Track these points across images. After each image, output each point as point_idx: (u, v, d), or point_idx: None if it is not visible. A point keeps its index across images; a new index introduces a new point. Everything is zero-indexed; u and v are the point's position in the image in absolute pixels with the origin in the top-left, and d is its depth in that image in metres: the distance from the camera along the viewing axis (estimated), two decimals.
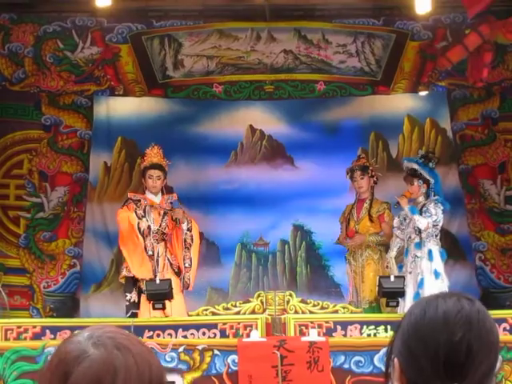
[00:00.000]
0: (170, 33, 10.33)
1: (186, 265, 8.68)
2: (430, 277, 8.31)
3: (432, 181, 8.67)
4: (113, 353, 1.51)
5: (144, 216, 8.61)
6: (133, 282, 8.52)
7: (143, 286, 8.20)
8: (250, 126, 11.05)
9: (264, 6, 9.86)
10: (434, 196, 8.62)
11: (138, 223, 8.55)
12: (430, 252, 8.45)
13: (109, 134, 10.77)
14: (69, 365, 1.50)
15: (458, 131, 10.74)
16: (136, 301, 8.45)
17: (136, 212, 8.62)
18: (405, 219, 8.63)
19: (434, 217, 8.45)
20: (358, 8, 10.18)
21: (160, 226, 8.68)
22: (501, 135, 10.59)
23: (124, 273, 8.63)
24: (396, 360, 1.77)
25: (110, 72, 10.36)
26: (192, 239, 8.72)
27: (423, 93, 10.78)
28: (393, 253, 8.82)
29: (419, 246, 8.50)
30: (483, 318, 1.77)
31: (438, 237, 8.60)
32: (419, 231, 8.48)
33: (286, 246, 10.88)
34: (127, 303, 8.55)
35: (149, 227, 8.58)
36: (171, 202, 8.79)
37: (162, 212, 8.72)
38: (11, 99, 10.31)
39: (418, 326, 1.76)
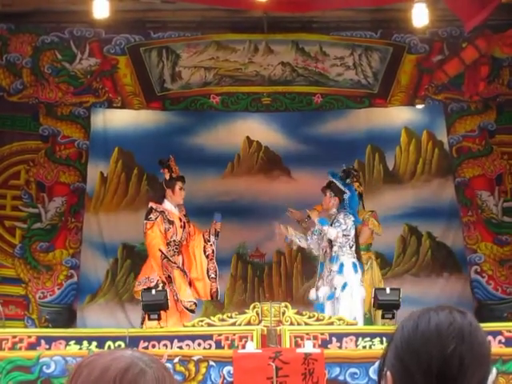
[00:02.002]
0: (168, 44, 10.34)
1: (212, 275, 8.79)
2: (341, 290, 8.35)
3: (346, 195, 8.71)
4: (164, 373, 1.63)
5: (172, 227, 8.67)
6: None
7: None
8: (247, 137, 11.08)
9: (262, 18, 9.90)
10: (349, 208, 8.70)
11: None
12: (340, 265, 8.50)
13: (106, 144, 10.78)
14: (136, 377, 1.58)
15: (454, 144, 10.76)
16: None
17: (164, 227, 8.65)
18: (320, 233, 8.69)
19: (343, 226, 8.53)
20: (356, 21, 10.22)
21: (181, 238, 8.74)
22: (497, 147, 10.62)
23: (141, 286, 8.54)
24: (389, 373, 1.78)
25: (108, 84, 10.36)
26: (213, 250, 8.81)
27: (420, 105, 10.82)
28: (290, 234, 8.87)
29: (334, 260, 8.56)
30: (475, 330, 1.77)
31: (354, 248, 8.63)
32: (331, 243, 8.54)
33: (282, 258, 10.88)
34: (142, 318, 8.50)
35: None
36: (215, 218, 8.93)
37: (182, 224, 8.78)
38: (9, 110, 10.30)
39: (410, 339, 1.77)
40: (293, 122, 10.98)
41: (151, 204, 8.85)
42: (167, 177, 8.88)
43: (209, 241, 8.83)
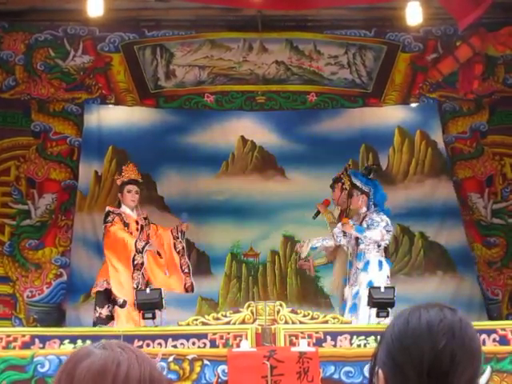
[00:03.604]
0: (162, 43, 10.33)
1: (186, 270, 8.82)
2: (365, 288, 8.33)
3: (371, 191, 8.73)
4: (116, 350, 1.60)
5: (128, 229, 8.72)
6: (106, 296, 8.57)
7: (119, 299, 8.41)
8: (242, 136, 11.07)
9: (256, 17, 9.90)
10: (375, 206, 8.68)
11: (136, 242, 8.63)
12: (366, 263, 8.49)
13: (100, 142, 10.75)
14: (75, 362, 1.59)
15: (449, 143, 10.79)
16: (108, 315, 8.53)
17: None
18: (351, 235, 8.67)
19: (382, 223, 8.52)
20: (350, 19, 10.23)
21: (136, 239, 8.75)
22: (489, 148, 10.64)
23: (98, 288, 8.64)
24: (380, 371, 1.78)
25: (102, 81, 10.35)
26: (183, 247, 8.82)
27: (414, 104, 10.82)
28: (313, 241, 8.84)
29: (359, 257, 8.55)
30: (465, 326, 1.79)
31: (382, 247, 8.62)
32: (357, 241, 8.53)
33: (276, 257, 10.88)
34: (95, 318, 8.57)
35: (142, 263, 8.67)
36: (181, 217, 9.01)
37: (139, 227, 8.78)
38: (0, 106, 10.26)
39: (401, 336, 1.78)
40: (287, 121, 10.97)
41: (108, 208, 8.96)
42: (118, 182, 8.99)
43: (177, 237, 8.83)
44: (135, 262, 8.60)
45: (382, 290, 7.94)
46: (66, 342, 7.24)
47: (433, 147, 11.05)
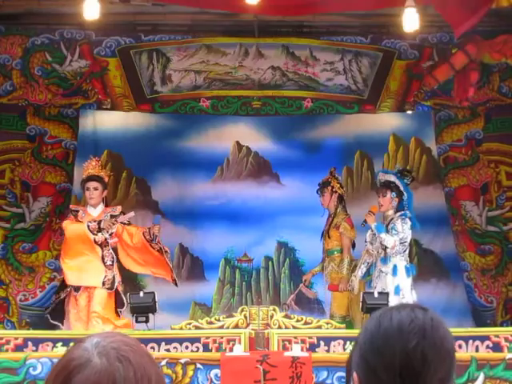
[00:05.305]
0: (159, 47, 10.34)
1: (170, 265, 8.82)
2: (393, 293, 8.33)
3: (405, 196, 8.75)
4: (114, 364, 1.56)
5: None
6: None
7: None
8: (237, 142, 11.07)
9: (253, 22, 9.92)
10: (403, 210, 8.69)
11: (95, 238, 8.57)
12: (394, 267, 8.51)
13: (95, 146, 10.74)
14: (71, 372, 1.55)
15: (442, 154, 10.80)
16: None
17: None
18: (374, 234, 8.70)
19: (400, 234, 8.53)
20: (346, 26, 10.25)
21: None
22: (484, 156, 10.64)
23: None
24: (355, 374, 1.79)
25: (98, 86, 10.33)
26: (160, 247, 8.73)
27: (410, 111, 10.84)
28: (359, 272, 8.89)
29: (385, 261, 8.56)
30: (437, 325, 1.79)
31: (407, 252, 8.66)
32: (385, 247, 8.55)
33: (270, 263, 10.88)
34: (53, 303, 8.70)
35: (106, 239, 8.60)
36: (154, 219, 8.93)
37: (95, 226, 8.65)
38: None
39: (373, 338, 1.79)
40: (283, 126, 10.98)
41: (70, 206, 9.07)
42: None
43: (151, 240, 8.68)
44: (99, 242, 8.55)
45: (376, 295, 7.95)
46: (59, 344, 7.23)
47: (427, 155, 11.06)
